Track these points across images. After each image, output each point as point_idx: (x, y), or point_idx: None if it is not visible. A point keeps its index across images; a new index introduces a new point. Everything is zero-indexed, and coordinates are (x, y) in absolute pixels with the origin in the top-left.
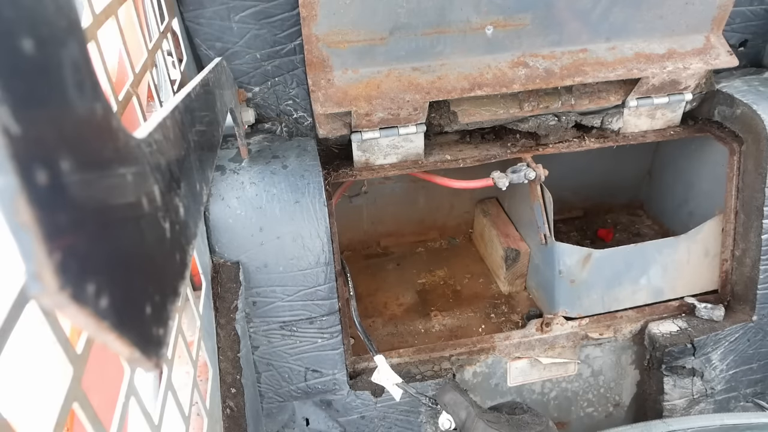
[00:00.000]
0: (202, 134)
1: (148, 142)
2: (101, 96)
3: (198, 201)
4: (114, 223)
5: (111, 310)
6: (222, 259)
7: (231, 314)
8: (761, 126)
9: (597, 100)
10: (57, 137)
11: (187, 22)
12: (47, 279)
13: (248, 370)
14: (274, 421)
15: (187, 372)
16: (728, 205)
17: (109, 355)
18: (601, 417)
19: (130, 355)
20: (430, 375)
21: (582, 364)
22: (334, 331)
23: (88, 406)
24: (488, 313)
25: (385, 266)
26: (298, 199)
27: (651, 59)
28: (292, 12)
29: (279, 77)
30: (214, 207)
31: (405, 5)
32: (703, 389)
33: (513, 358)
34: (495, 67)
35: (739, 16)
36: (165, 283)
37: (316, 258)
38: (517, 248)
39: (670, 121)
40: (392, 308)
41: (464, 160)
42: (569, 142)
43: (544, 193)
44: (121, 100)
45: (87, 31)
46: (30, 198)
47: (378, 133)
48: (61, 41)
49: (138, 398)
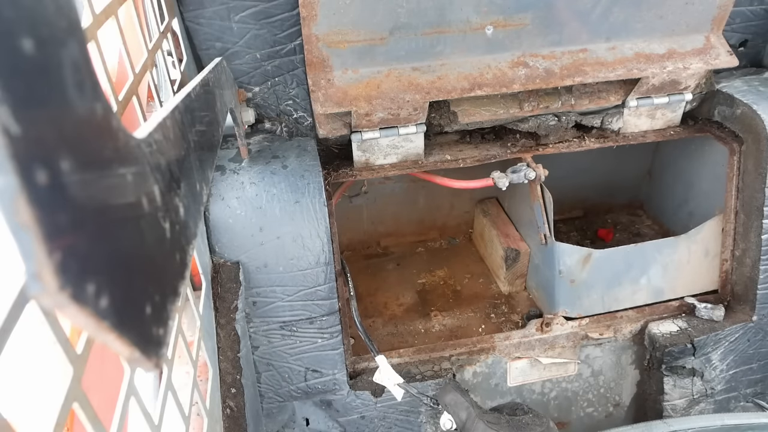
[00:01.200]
0: (202, 134)
1: (148, 142)
2: (101, 96)
3: (198, 201)
4: (114, 223)
5: (111, 310)
6: (222, 259)
7: (231, 314)
8: (761, 126)
9: (597, 100)
10: (57, 137)
11: (187, 22)
12: (47, 279)
13: (248, 370)
14: (274, 421)
15: (187, 372)
16: (728, 205)
17: (109, 355)
18: (601, 417)
19: (130, 355)
20: (431, 375)
21: (582, 364)
22: (334, 331)
23: (88, 406)
24: (488, 313)
25: (385, 266)
26: (298, 199)
27: (651, 59)
28: (292, 12)
29: (279, 77)
30: (214, 207)
31: (405, 5)
32: (703, 389)
33: (513, 358)
34: (495, 67)
35: (739, 16)
36: (165, 283)
37: (316, 258)
38: (517, 248)
39: (670, 121)
40: (392, 308)
41: (464, 160)
42: (569, 142)
43: (544, 193)
44: (121, 100)
45: (87, 31)
46: (30, 198)
47: (378, 133)
48: (61, 41)
49: (138, 398)
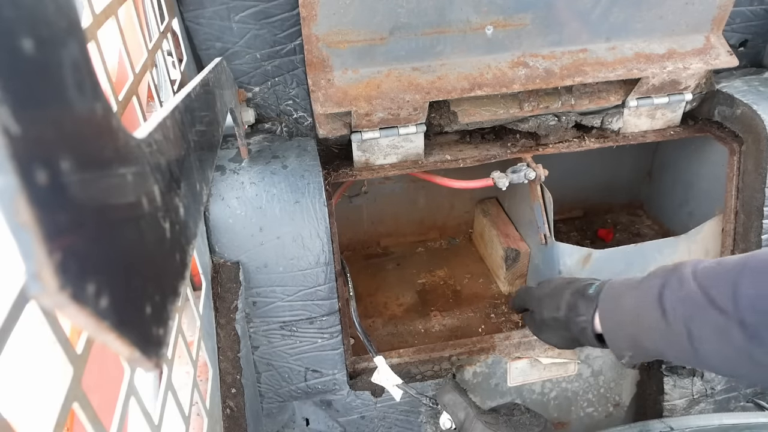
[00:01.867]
0: (202, 134)
1: (148, 142)
2: (101, 96)
3: (198, 201)
4: (114, 223)
5: (111, 310)
6: (222, 259)
7: (231, 314)
8: (761, 126)
9: (597, 100)
10: (57, 137)
11: (187, 22)
12: (47, 279)
13: (248, 370)
14: (274, 421)
15: (187, 372)
16: (728, 205)
17: (109, 355)
18: (601, 417)
19: (130, 355)
20: (430, 375)
21: (582, 364)
22: (334, 331)
23: (88, 406)
24: (488, 313)
25: (385, 266)
26: (298, 199)
27: (651, 59)
28: (292, 12)
29: (279, 77)
30: (214, 207)
31: (405, 5)
32: (703, 389)
33: (513, 358)
34: (495, 67)
35: (739, 16)
36: (165, 283)
37: (316, 258)
38: (517, 248)
39: (670, 121)
40: (392, 308)
41: (464, 160)
42: (569, 142)
43: (544, 193)
44: (121, 100)
45: (87, 31)
46: (30, 198)
47: (378, 133)
48: (61, 41)
49: (138, 398)
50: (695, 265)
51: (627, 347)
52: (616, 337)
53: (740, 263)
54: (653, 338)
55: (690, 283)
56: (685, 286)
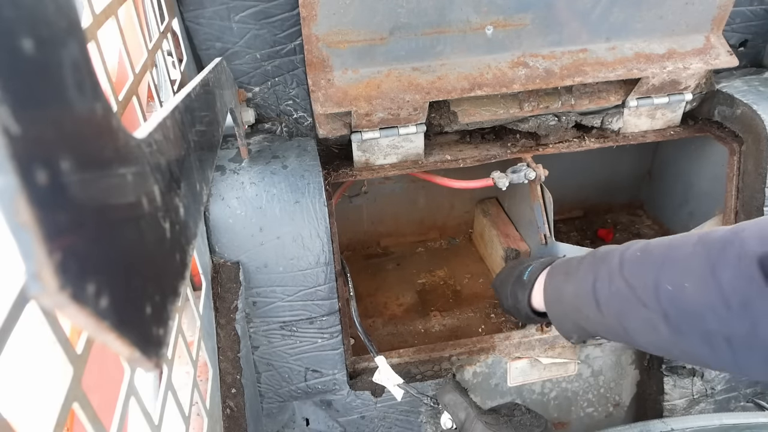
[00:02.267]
0: (202, 134)
1: (148, 142)
2: (101, 96)
3: (198, 201)
4: (114, 223)
5: (111, 310)
6: (222, 259)
7: (231, 314)
8: (761, 126)
9: (597, 100)
10: (57, 137)
11: (187, 22)
12: (47, 279)
13: (248, 370)
14: (274, 421)
15: (187, 372)
16: (728, 205)
17: (109, 355)
18: (601, 417)
19: (130, 355)
20: (430, 375)
21: (582, 364)
22: (334, 331)
23: (88, 406)
24: (488, 313)
25: (385, 266)
26: (298, 199)
27: (651, 59)
28: (292, 12)
29: (279, 77)
30: (214, 207)
31: (405, 5)
32: (703, 389)
33: (513, 358)
34: (495, 67)
35: (739, 16)
36: (165, 283)
37: (316, 258)
38: (517, 248)
39: (670, 121)
40: (392, 308)
41: (464, 160)
42: (569, 142)
43: (544, 193)
44: (121, 100)
45: (87, 31)
46: (30, 198)
47: (378, 133)
48: (61, 41)
49: (138, 398)
50: (623, 254)
51: (573, 331)
52: (562, 324)
53: (662, 256)
54: (594, 326)
55: (617, 277)
56: (614, 282)
